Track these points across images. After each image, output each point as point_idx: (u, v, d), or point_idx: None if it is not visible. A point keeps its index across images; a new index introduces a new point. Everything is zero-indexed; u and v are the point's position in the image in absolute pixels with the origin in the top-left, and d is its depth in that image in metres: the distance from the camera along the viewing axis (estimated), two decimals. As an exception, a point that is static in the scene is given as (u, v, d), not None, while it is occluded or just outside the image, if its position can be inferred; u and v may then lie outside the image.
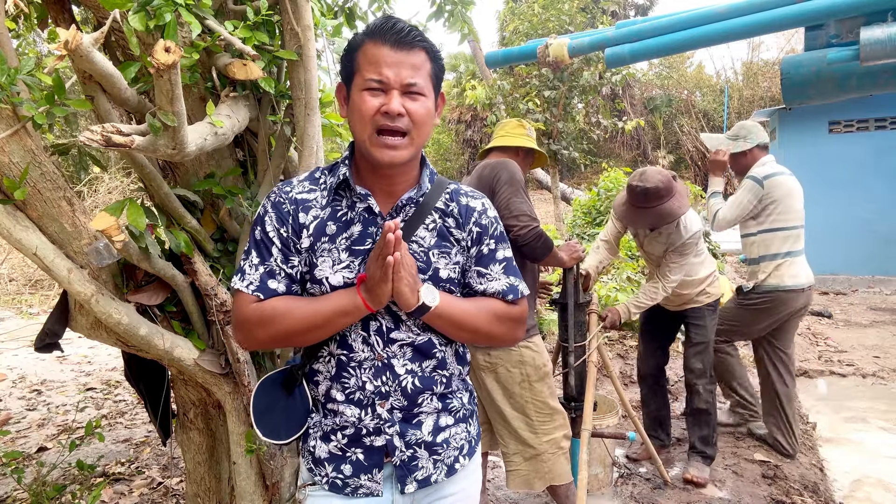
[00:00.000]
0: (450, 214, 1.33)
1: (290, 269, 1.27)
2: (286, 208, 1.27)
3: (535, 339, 2.65)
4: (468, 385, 1.43)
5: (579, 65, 9.04)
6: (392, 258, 1.13)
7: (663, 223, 2.96)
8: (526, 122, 2.90)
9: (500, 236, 1.38)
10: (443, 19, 2.99)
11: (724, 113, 16.24)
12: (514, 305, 1.36)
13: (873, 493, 3.22)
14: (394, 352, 1.27)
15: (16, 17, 2.17)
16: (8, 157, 1.54)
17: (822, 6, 3.59)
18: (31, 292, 8.60)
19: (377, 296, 1.18)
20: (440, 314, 1.25)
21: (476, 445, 1.42)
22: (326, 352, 1.30)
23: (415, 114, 1.21)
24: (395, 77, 1.19)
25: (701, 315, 3.30)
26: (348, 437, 1.29)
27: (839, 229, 8.75)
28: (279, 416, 1.35)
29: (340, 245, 1.26)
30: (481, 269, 1.34)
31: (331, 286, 1.25)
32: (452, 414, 1.36)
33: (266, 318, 1.22)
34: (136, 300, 1.81)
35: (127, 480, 3.41)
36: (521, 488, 2.68)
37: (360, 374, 1.27)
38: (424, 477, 1.31)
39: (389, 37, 1.19)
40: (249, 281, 1.25)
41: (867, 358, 5.65)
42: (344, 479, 1.29)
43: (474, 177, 2.71)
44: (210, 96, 1.84)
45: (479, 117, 20.04)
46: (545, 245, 2.53)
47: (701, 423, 3.29)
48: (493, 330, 1.33)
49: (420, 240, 1.29)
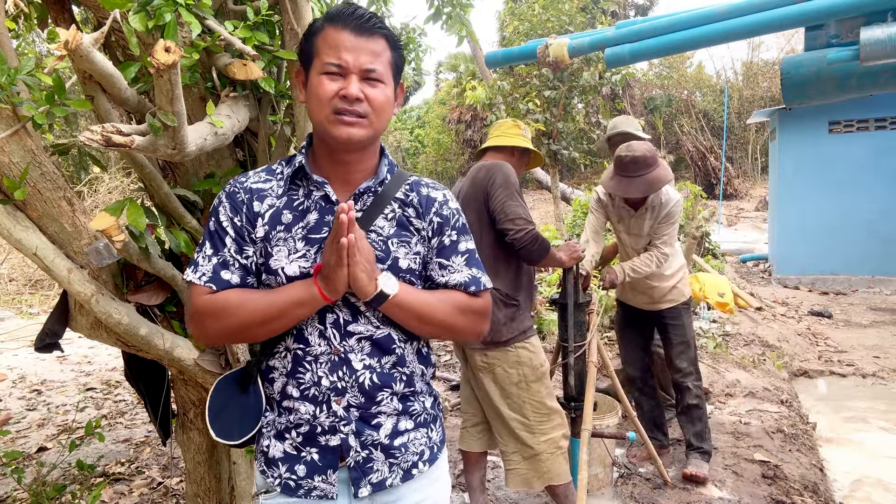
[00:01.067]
0: (410, 204, 1.31)
1: (245, 260, 1.24)
2: (240, 197, 1.25)
3: (533, 339, 2.65)
4: (432, 390, 1.39)
5: (579, 65, 9.03)
6: (346, 240, 1.11)
7: (652, 190, 3.01)
8: (521, 123, 2.91)
9: (462, 228, 1.35)
10: (441, 21, 2.99)
11: (724, 113, 16.22)
12: (477, 298, 1.33)
13: (873, 493, 3.22)
14: (351, 346, 1.24)
15: (16, 17, 2.17)
16: (8, 157, 1.54)
17: (822, 6, 3.59)
18: (31, 292, 8.60)
19: (333, 283, 1.16)
20: (399, 304, 1.22)
21: (439, 452, 1.37)
22: (283, 347, 1.26)
23: (374, 100, 1.20)
24: (354, 62, 1.18)
25: (677, 314, 3.35)
26: (303, 436, 1.25)
27: (839, 229, 8.74)
28: (233, 415, 1.31)
29: (297, 234, 1.23)
30: (443, 260, 1.32)
31: (286, 276, 1.22)
32: (413, 418, 1.31)
33: (219, 310, 1.20)
34: (136, 300, 1.81)
35: (127, 480, 3.41)
36: (521, 487, 2.69)
37: (315, 368, 1.23)
38: (379, 480, 1.26)
39: (350, 22, 1.19)
40: (202, 272, 1.22)
41: (867, 358, 5.66)
42: (297, 481, 1.25)
43: (468, 179, 2.71)
44: (210, 96, 1.84)
45: (479, 117, 20.02)
46: (542, 247, 2.53)
47: (694, 420, 3.32)
48: (455, 322, 1.30)
49: (379, 229, 1.27)
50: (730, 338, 5.90)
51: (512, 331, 2.59)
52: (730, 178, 20.02)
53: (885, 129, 8.59)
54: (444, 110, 23.53)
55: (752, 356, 5.32)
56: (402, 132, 24.87)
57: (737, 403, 4.36)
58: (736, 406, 4.31)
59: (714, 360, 5.05)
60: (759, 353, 5.52)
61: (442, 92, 25.07)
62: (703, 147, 20.41)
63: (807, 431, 3.95)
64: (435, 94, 26.38)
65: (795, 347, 6.01)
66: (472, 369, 2.69)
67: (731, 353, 5.34)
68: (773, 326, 6.58)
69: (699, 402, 3.32)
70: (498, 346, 2.58)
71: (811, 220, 8.92)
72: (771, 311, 7.34)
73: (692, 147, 20.54)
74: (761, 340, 5.90)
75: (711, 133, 21.05)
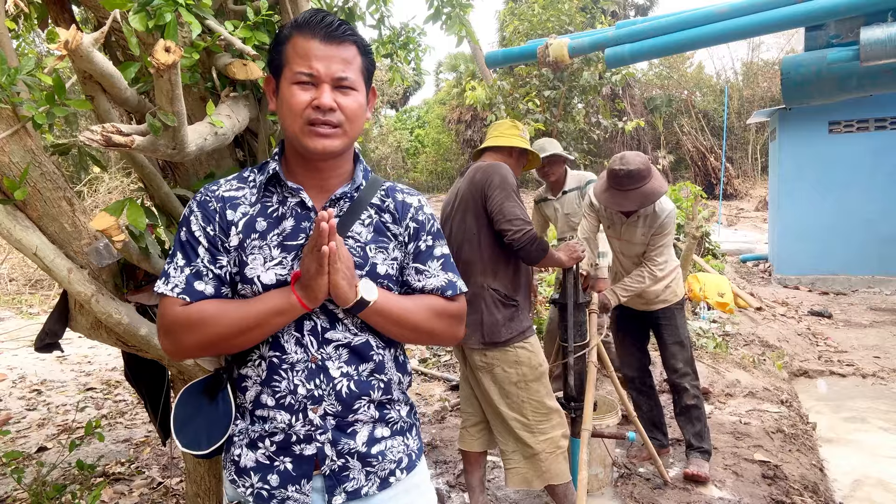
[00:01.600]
0: (386, 210, 1.30)
1: (219, 270, 1.21)
2: (212, 206, 1.23)
3: (532, 339, 2.66)
4: (409, 399, 1.38)
5: (579, 65, 9.03)
6: (327, 248, 1.09)
7: (648, 203, 2.99)
8: (520, 124, 2.92)
9: (437, 233, 1.35)
10: (440, 21, 2.98)
11: (724, 113, 16.22)
12: (453, 302, 1.33)
13: (873, 493, 3.22)
14: (329, 353, 1.22)
15: (16, 17, 2.17)
16: (8, 157, 1.54)
17: (822, 6, 3.59)
18: (31, 292, 8.60)
19: (313, 291, 1.14)
20: (379, 310, 1.21)
21: (417, 460, 1.35)
22: (257, 355, 1.23)
23: (346, 108, 1.19)
24: (325, 71, 1.17)
25: (671, 315, 3.35)
26: (277, 445, 1.22)
27: (839, 229, 8.75)
28: (200, 424, 1.28)
29: (272, 241, 1.21)
30: (419, 265, 1.31)
31: (263, 285, 1.20)
32: (390, 426, 1.29)
33: (194, 323, 1.16)
34: (136, 300, 1.81)
35: (127, 480, 3.41)
36: (520, 487, 2.69)
37: (292, 376, 1.20)
38: (355, 489, 1.23)
39: (319, 30, 1.17)
40: (174, 284, 1.19)
41: (867, 358, 5.66)
42: (270, 490, 1.22)
43: (466, 180, 2.71)
44: (210, 96, 1.84)
45: (479, 117, 20.03)
46: (540, 248, 2.54)
47: (693, 420, 3.32)
48: (433, 327, 1.30)
49: (356, 235, 1.26)
50: (730, 338, 5.90)
51: (511, 331, 2.59)
52: (730, 178, 20.04)
53: (884, 130, 8.59)
54: (444, 110, 23.55)
55: (752, 356, 5.32)
56: (402, 132, 24.89)
57: (737, 403, 4.36)
58: (736, 406, 4.32)
59: (714, 360, 5.05)
60: (759, 353, 5.52)
61: (442, 92, 25.09)
62: (703, 147, 20.42)
63: (807, 431, 3.95)
64: (435, 94, 26.39)
65: (795, 347, 6.01)
66: (472, 369, 2.70)
67: (731, 353, 5.34)
68: (773, 326, 6.58)
69: (697, 402, 3.31)
70: (497, 346, 2.58)
71: (811, 220, 8.92)
72: (771, 311, 7.34)
73: (692, 147, 20.55)
74: (761, 340, 5.90)
75: (711, 133, 21.07)
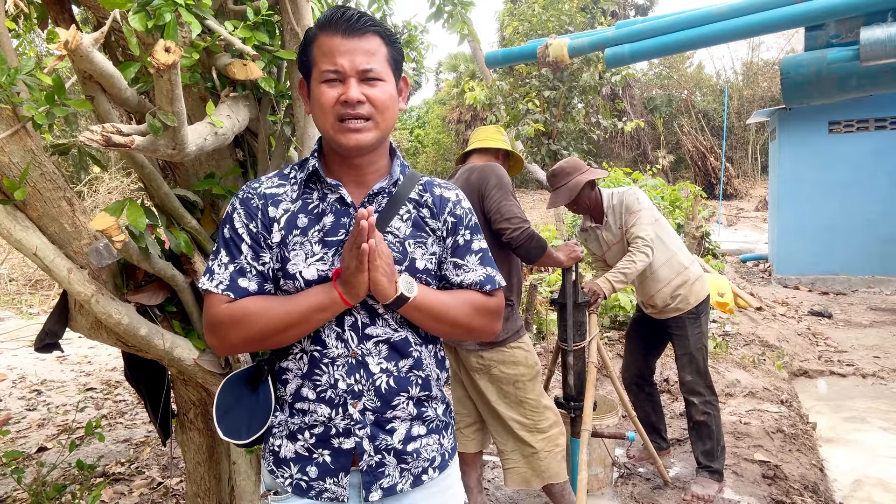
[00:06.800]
0: (424, 205, 1.30)
1: (262, 267, 1.23)
2: (255, 203, 1.25)
3: (525, 338, 2.69)
4: (445, 396, 1.39)
5: (579, 65, 9.02)
6: (367, 245, 1.10)
7: (573, 194, 3.06)
8: (502, 129, 3.00)
9: (475, 227, 1.35)
10: (442, 20, 2.99)
11: (724, 113, 16.22)
12: (492, 297, 1.34)
13: (873, 493, 3.22)
14: (368, 349, 1.23)
15: (16, 17, 2.17)
16: (8, 157, 1.54)
17: (822, 6, 3.59)
18: (31, 292, 8.60)
19: (354, 287, 1.15)
20: (418, 306, 1.21)
21: (449, 460, 1.36)
22: (298, 349, 1.25)
23: (375, 99, 1.19)
24: (349, 65, 1.17)
25: (682, 325, 3.17)
26: (316, 437, 1.24)
27: (839, 229, 8.75)
28: (241, 414, 1.30)
29: (313, 237, 1.23)
30: (457, 260, 1.31)
31: (304, 280, 1.21)
32: (426, 424, 1.31)
33: (238, 319, 1.19)
34: (136, 300, 1.81)
35: (127, 480, 3.41)
36: (519, 486, 2.70)
37: (332, 371, 1.22)
38: (390, 485, 1.25)
39: (340, 25, 1.18)
40: (219, 280, 1.21)
41: (867, 358, 5.66)
42: (309, 482, 1.24)
43: (461, 180, 2.71)
44: (210, 96, 1.84)
45: (479, 117, 20.05)
46: (538, 245, 2.55)
47: (702, 437, 3.14)
48: (472, 322, 1.30)
49: (395, 230, 1.26)
50: (730, 338, 5.90)
51: (507, 331, 2.61)
52: (730, 178, 20.05)
53: (885, 129, 8.59)
54: (444, 110, 23.57)
55: (752, 356, 5.32)
56: (402, 132, 24.90)
57: (737, 403, 4.37)
58: (736, 406, 4.32)
59: (714, 360, 5.05)
60: (759, 353, 5.52)
61: (442, 92, 25.11)
62: (703, 147, 20.43)
63: (807, 431, 3.95)
64: (435, 94, 26.39)
65: (795, 347, 6.01)
66: (467, 370, 2.70)
67: (731, 353, 5.34)
68: (773, 326, 6.58)
69: (706, 420, 3.09)
70: (494, 346, 2.59)
71: (811, 220, 8.92)
72: (771, 311, 7.34)
73: (692, 147, 20.56)
74: (761, 340, 5.90)
75: (711, 133, 21.08)
